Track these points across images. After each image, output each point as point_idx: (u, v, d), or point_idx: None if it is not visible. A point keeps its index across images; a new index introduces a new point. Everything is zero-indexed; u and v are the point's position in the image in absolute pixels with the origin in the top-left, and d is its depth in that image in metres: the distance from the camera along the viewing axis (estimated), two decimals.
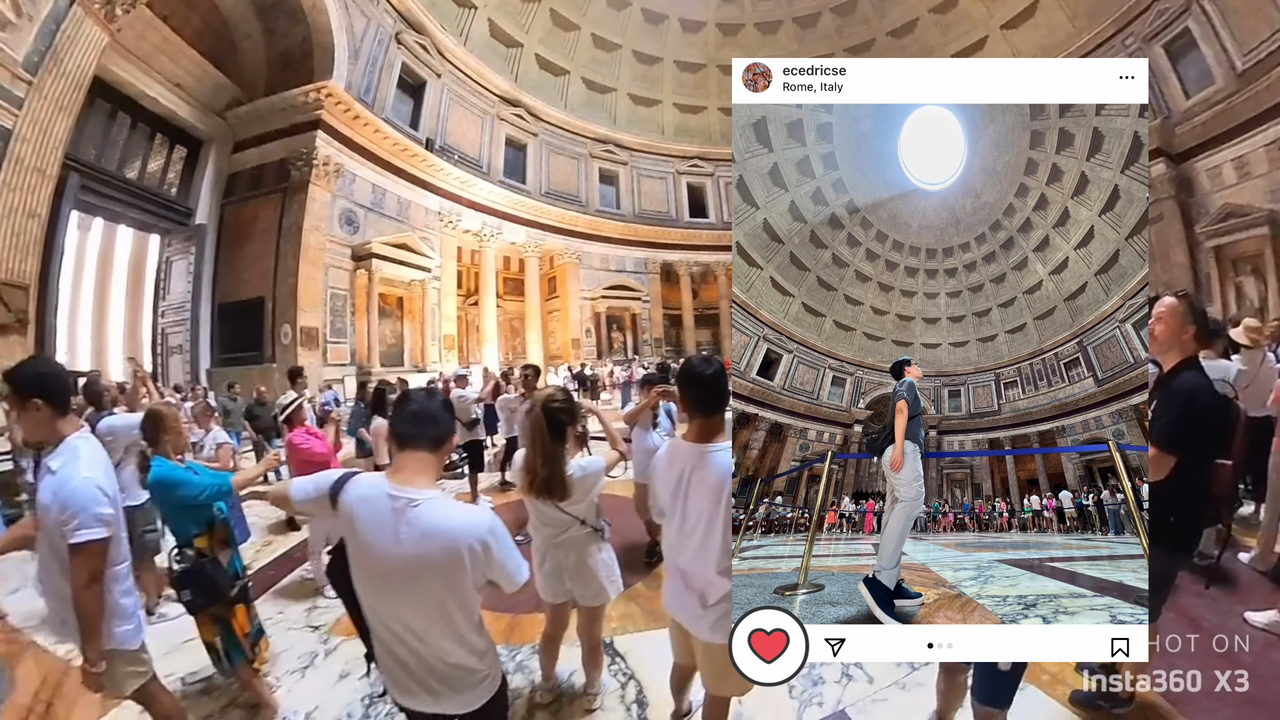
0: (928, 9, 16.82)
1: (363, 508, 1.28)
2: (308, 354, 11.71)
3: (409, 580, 1.26)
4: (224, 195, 12.66)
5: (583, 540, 2.17)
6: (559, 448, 2.01)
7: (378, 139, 13.78)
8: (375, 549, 1.26)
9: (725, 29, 19.79)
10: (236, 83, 12.73)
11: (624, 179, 21.38)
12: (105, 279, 15.76)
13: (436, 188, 15.83)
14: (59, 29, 7.43)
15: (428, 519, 1.25)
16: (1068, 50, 13.92)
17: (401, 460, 1.34)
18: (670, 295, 22.31)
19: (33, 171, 7.18)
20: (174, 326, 12.05)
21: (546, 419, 1.98)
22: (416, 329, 15.43)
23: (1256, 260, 10.92)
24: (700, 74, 20.61)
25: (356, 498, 1.30)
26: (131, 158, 11.47)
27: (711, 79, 20.49)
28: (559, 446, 2.01)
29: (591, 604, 2.24)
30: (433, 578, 1.26)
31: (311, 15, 12.30)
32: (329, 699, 2.46)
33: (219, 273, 12.27)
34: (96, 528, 1.60)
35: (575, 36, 18.83)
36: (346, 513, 1.30)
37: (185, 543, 2.22)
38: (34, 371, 1.71)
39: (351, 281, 13.36)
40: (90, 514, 1.60)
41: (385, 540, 1.25)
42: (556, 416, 2.00)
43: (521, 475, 2.05)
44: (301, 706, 2.40)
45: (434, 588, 1.27)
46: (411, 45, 14.70)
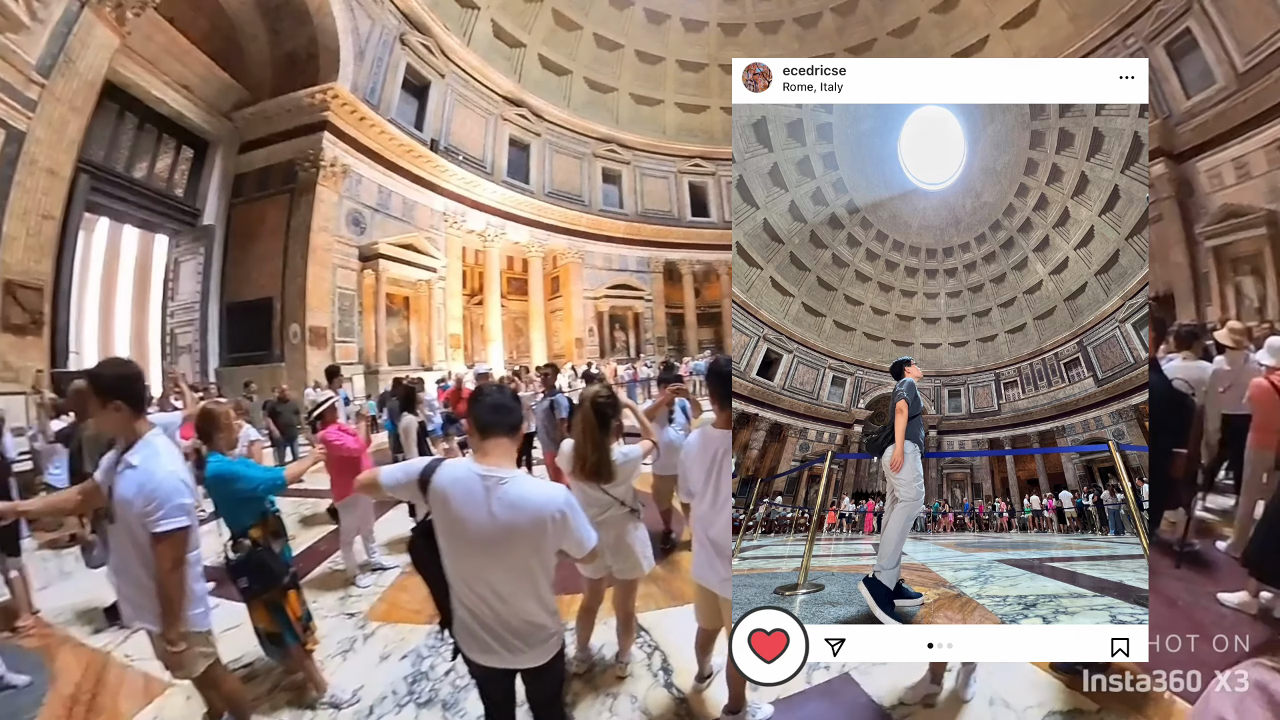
0: (929, 9, 16.84)
1: (456, 488, 1.47)
2: (316, 353, 11.83)
3: (500, 547, 1.46)
4: (231, 196, 12.75)
5: (621, 519, 2.40)
6: (606, 437, 2.28)
7: (383, 140, 13.87)
8: (470, 522, 1.45)
9: (727, 29, 19.82)
10: (242, 84, 12.80)
11: (627, 178, 21.44)
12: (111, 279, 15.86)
13: (441, 188, 15.92)
14: (70, 32, 7.53)
15: (515, 494, 1.45)
16: (1069, 50, 13.94)
17: (486, 446, 1.53)
18: (673, 294, 22.38)
19: (46, 173, 7.29)
20: (183, 326, 12.17)
21: (595, 412, 2.25)
22: (423, 328, 15.54)
23: (1255, 260, 10.97)
24: (702, 74, 20.65)
25: (450, 480, 1.49)
26: (139, 158, 11.57)
27: (713, 79, 20.53)
28: (606, 436, 2.28)
29: (628, 577, 2.48)
30: (520, 543, 1.46)
31: (317, 17, 12.39)
32: (372, 679, 2.61)
33: (227, 273, 12.37)
34: (180, 517, 1.75)
35: (578, 36, 18.88)
36: (440, 493, 1.48)
37: (240, 533, 2.35)
38: (116, 374, 1.83)
39: (359, 281, 13.47)
40: (174, 504, 1.73)
41: (480, 514, 1.45)
42: (603, 410, 2.28)
43: (573, 461, 2.31)
44: (348, 686, 2.54)
45: (521, 552, 1.47)
46: (416, 46, 14.77)
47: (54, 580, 3.84)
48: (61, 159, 7.49)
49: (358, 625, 3.18)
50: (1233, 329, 3.63)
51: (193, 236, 12.33)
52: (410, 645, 2.91)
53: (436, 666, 2.70)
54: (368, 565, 3.98)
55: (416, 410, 4.66)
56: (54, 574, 3.96)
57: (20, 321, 6.86)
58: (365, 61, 13.34)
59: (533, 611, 1.52)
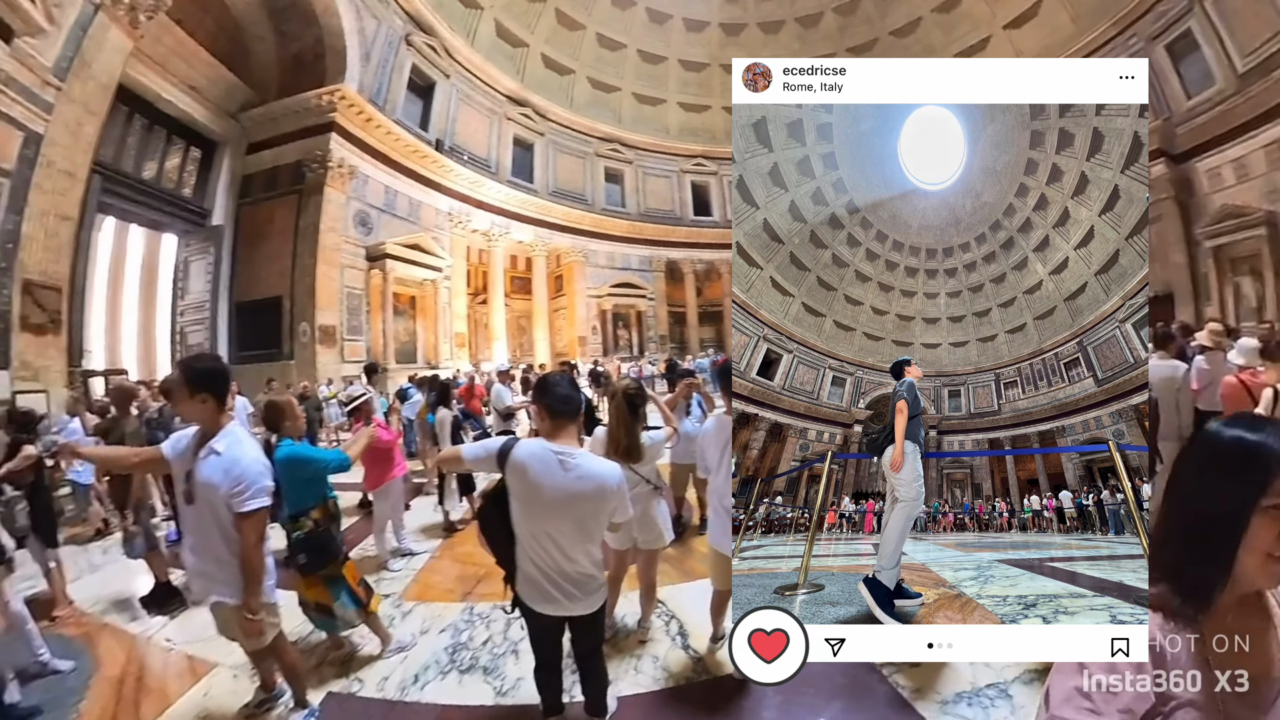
0: (930, 9, 16.86)
1: (534, 462, 1.81)
2: (325, 351, 11.98)
3: (567, 508, 1.81)
4: (239, 196, 12.87)
5: (646, 495, 2.72)
6: (635, 423, 2.59)
7: (390, 141, 13.97)
8: (545, 488, 1.79)
9: (728, 29, 19.86)
10: (249, 85, 12.88)
11: (629, 178, 21.52)
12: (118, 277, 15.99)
13: (447, 188, 16.02)
14: (85, 35, 7.64)
15: (584, 467, 1.82)
16: (1070, 50, 13.95)
17: (555, 429, 1.88)
18: (675, 293, 22.50)
19: (63, 175, 7.41)
20: (193, 325, 12.30)
21: (626, 401, 2.56)
22: (429, 327, 15.66)
23: (1254, 261, 11.01)
24: (704, 73, 20.69)
25: (527, 455, 1.83)
26: (148, 159, 11.69)
27: (715, 78, 20.57)
28: (635, 422, 2.59)
29: (651, 547, 2.80)
30: (584, 506, 1.82)
31: (324, 18, 12.47)
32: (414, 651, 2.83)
33: (236, 272, 12.48)
34: (264, 498, 1.94)
35: (581, 36, 18.94)
36: (519, 465, 1.81)
37: (301, 514, 2.58)
38: (206, 369, 2.01)
39: (366, 281, 13.60)
40: (259, 486, 1.93)
41: (554, 482, 1.79)
42: (633, 400, 2.60)
43: (606, 444, 2.59)
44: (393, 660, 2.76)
45: (583, 513, 1.83)
46: (421, 47, 14.84)
47: (84, 573, 3.98)
48: (78, 161, 7.61)
49: (394, 604, 3.37)
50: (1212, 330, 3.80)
51: (202, 236, 12.45)
52: (447, 620, 3.14)
53: (475, 637, 2.94)
54: (398, 551, 4.18)
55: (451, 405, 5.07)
56: (84, 567, 4.11)
57: (39, 321, 7.00)
58: (371, 62, 13.42)
59: (585, 565, 1.88)
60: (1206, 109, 11.65)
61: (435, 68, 15.49)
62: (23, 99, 6.90)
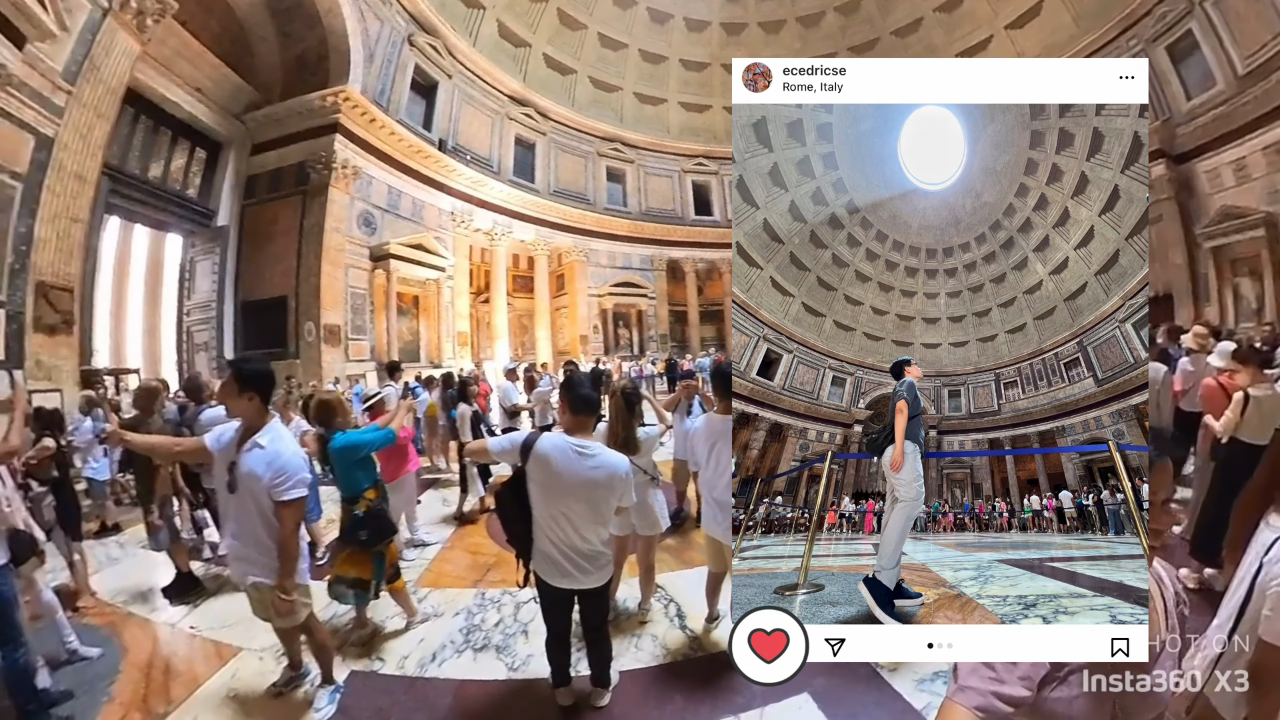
0: (932, 8, 16.88)
1: (555, 453, 2.12)
2: (331, 350, 12.10)
3: (584, 493, 2.13)
4: (244, 197, 12.96)
5: (643, 484, 2.93)
6: (632, 419, 2.87)
7: (393, 141, 14.04)
8: (564, 475, 2.11)
9: (729, 28, 19.89)
10: (253, 86, 12.96)
11: (631, 177, 21.58)
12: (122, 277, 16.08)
13: (449, 188, 16.10)
14: (94, 40, 7.73)
15: (599, 458, 2.15)
16: (1072, 51, 13.98)
17: (575, 424, 2.21)
18: (676, 292, 22.55)
19: (74, 178, 7.52)
20: (199, 325, 12.42)
21: (624, 399, 2.84)
22: (432, 326, 15.78)
23: (1254, 262, 11.07)
24: (705, 73, 20.73)
25: (550, 447, 2.14)
26: (154, 160, 11.77)
27: (716, 78, 20.61)
28: (632, 417, 2.87)
29: (649, 533, 3.06)
30: (599, 491, 2.14)
31: (327, 19, 12.55)
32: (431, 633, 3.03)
33: (242, 272, 12.59)
34: (302, 489, 2.13)
35: (582, 36, 18.98)
36: (542, 457, 2.12)
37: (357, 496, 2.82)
38: (255, 370, 2.18)
39: (370, 281, 13.70)
40: (299, 478, 2.10)
41: (574, 471, 2.11)
42: (630, 398, 2.88)
43: (607, 437, 2.79)
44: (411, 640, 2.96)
45: (597, 497, 2.15)
46: (423, 47, 14.90)
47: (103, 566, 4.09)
48: (88, 164, 7.72)
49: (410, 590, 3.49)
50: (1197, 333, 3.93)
51: (208, 236, 12.55)
52: (460, 604, 3.36)
53: (487, 620, 3.15)
54: (410, 542, 4.37)
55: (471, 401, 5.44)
56: (102, 561, 4.21)
57: (52, 322, 7.11)
58: (375, 63, 13.49)
59: (596, 543, 2.20)
60: (1207, 110, 11.69)
61: (438, 68, 15.55)
62: (35, 103, 7.01)
